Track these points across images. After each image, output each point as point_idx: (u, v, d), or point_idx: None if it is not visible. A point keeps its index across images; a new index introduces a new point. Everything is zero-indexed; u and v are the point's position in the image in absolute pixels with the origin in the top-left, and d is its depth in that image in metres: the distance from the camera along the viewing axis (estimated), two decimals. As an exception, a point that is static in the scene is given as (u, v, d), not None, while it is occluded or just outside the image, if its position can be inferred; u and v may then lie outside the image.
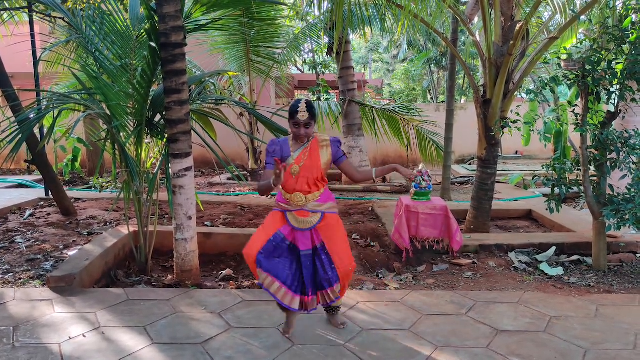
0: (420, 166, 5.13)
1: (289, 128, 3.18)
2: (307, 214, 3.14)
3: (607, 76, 4.33)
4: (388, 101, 22.10)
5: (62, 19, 5.40)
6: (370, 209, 6.89)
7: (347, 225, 6.03)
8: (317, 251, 3.16)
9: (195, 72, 9.25)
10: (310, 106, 3.04)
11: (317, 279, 3.19)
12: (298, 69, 21.95)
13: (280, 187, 3.17)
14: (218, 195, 8.15)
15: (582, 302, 3.85)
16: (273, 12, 9.07)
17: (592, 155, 4.52)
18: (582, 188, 4.59)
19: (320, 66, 16.42)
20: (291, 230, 3.16)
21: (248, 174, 10.31)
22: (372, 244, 5.41)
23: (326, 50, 11.00)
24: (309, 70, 19.07)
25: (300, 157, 3.11)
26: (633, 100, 4.39)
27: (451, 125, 7.77)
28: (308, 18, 11.05)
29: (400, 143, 9.75)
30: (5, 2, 7.03)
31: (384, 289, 4.20)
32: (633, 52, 4.18)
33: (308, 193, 3.12)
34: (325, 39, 10.68)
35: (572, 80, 4.48)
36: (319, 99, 13.73)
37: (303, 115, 3.01)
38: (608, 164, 4.43)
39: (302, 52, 13.97)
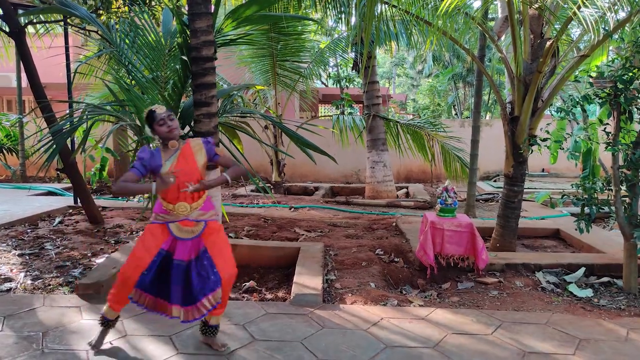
0: (446, 182, 5.11)
1: (158, 136, 3.07)
2: (192, 224, 3.08)
3: (639, 95, 4.26)
4: (412, 116, 22.06)
5: (96, 31, 5.56)
6: (394, 224, 6.85)
7: (370, 240, 6.01)
8: (195, 261, 3.06)
9: (222, 85, 9.40)
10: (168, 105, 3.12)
11: (191, 292, 3.05)
12: (322, 82, 22.07)
13: (160, 198, 3.10)
14: (242, 206, 8.21)
15: (613, 325, 3.76)
16: (300, 27, 9.20)
17: (623, 175, 4.43)
18: (613, 208, 4.50)
19: (344, 80, 16.50)
20: (172, 240, 3.08)
21: (272, 186, 10.38)
22: (396, 259, 5.37)
23: (352, 65, 11.07)
24: (333, 84, 19.16)
25: (174, 164, 3.05)
26: (666, 119, 4.31)
27: (477, 142, 7.71)
28: (334, 33, 11.16)
29: (425, 158, 9.71)
30: (41, 15, 7.27)
31: (408, 306, 4.16)
32: (667, 71, 4.11)
33: (192, 202, 3.06)
34: (351, 54, 10.75)
35: (604, 99, 4.41)
36: (342, 112, 13.78)
37: (161, 109, 3.03)
38: (640, 184, 4.34)
39: (327, 66, 14.07)
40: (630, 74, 4.27)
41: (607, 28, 4.69)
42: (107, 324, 3.24)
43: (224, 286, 3.08)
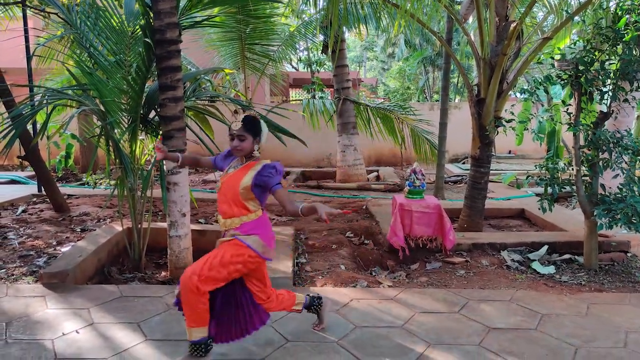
0: (414, 165, 5.16)
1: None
2: (225, 240, 2.86)
3: (600, 76, 4.36)
4: (382, 100, 22.14)
5: (57, 14, 5.37)
6: (364, 207, 6.90)
7: (341, 223, 6.05)
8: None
9: (190, 69, 9.22)
10: (248, 120, 2.83)
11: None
12: (293, 66, 21.93)
13: None
14: (212, 192, 8.14)
15: (574, 301, 3.89)
16: (269, 10, 9.05)
17: (584, 154, 4.55)
18: (574, 187, 4.62)
19: (315, 64, 16.42)
20: None
21: (242, 172, 10.29)
22: (366, 242, 5.42)
23: (321, 48, 11.00)
24: (304, 68, 19.04)
25: (229, 174, 2.90)
26: (625, 100, 4.43)
27: (445, 124, 7.79)
28: (303, 16, 11.05)
29: (395, 141, 9.77)
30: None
31: (377, 287, 4.22)
32: (627, 53, 4.21)
33: (225, 217, 2.85)
34: (321, 37, 10.68)
35: (566, 80, 4.51)
36: (313, 97, 13.73)
37: (236, 125, 2.82)
38: (600, 163, 4.46)
39: (298, 50, 13.95)
40: (592, 56, 4.37)
41: (569, 11, 4.77)
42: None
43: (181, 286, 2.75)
